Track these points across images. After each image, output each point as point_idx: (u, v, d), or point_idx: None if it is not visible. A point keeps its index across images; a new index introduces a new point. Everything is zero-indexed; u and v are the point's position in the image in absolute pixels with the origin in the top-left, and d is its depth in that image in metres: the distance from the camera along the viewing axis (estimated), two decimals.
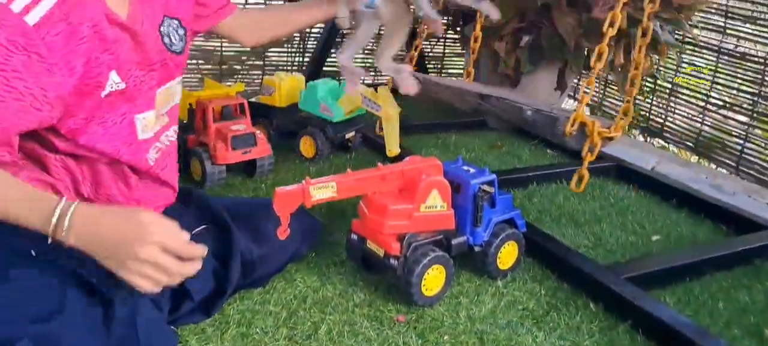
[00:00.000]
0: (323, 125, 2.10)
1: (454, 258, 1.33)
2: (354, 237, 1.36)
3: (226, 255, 1.23)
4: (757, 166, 2.53)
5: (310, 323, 1.22)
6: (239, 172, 1.95)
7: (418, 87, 1.42)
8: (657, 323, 1.23)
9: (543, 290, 1.39)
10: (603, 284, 1.35)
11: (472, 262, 1.42)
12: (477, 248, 1.39)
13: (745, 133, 2.59)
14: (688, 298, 1.41)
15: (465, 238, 1.37)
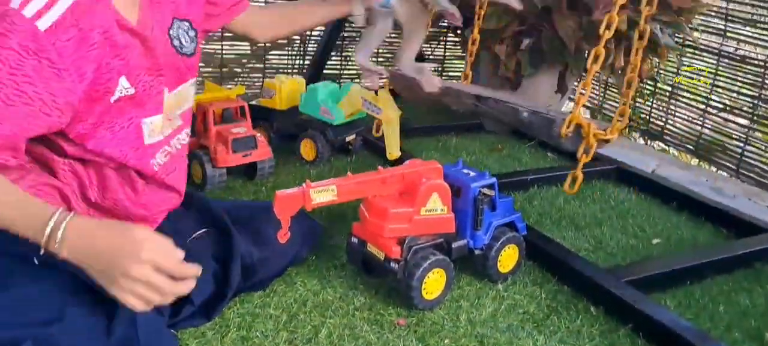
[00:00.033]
0: (324, 128, 2.10)
1: (454, 261, 1.33)
2: (354, 240, 1.36)
3: (227, 259, 1.23)
4: (757, 169, 2.52)
5: (310, 326, 1.22)
6: (240, 175, 1.95)
7: (441, 85, 1.43)
8: (657, 326, 1.23)
9: (543, 294, 1.39)
10: (603, 288, 1.35)
11: (472, 265, 1.42)
12: (477, 252, 1.39)
13: (745, 136, 2.59)
14: (689, 301, 1.41)
15: (465, 241, 1.37)
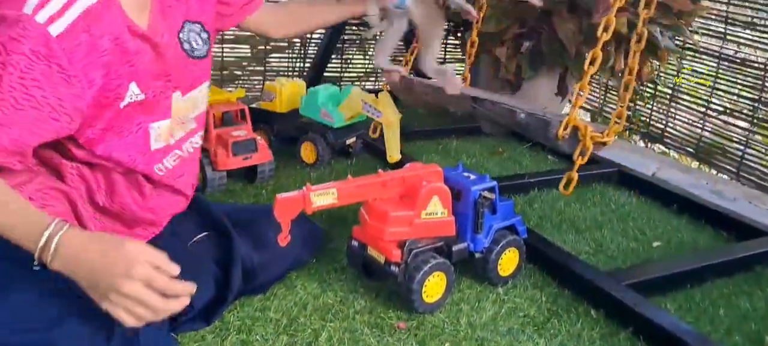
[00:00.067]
0: (324, 131, 2.10)
1: (454, 265, 1.33)
2: (355, 244, 1.36)
3: (228, 262, 1.23)
4: (757, 172, 2.52)
5: (310, 330, 1.22)
6: (240, 178, 1.95)
7: (463, 86, 1.44)
8: (658, 330, 1.23)
9: (544, 297, 1.39)
10: (604, 291, 1.35)
11: (472, 268, 1.42)
12: (478, 255, 1.38)
13: (745, 139, 2.59)
14: (689, 305, 1.41)
15: (466, 244, 1.37)
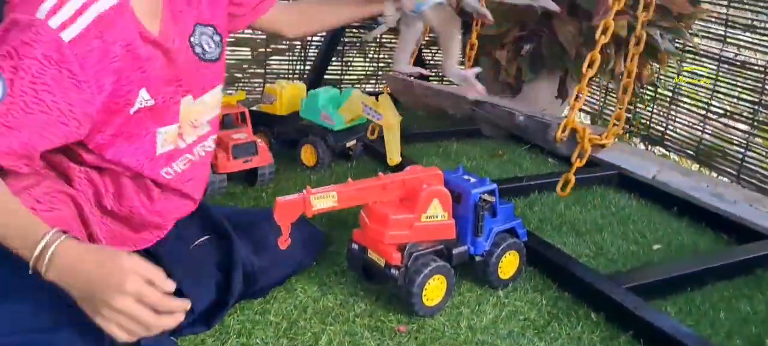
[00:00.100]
0: (324, 134, 2.10)
1: (455, 268, 1.33)
2: (355, 247, 1.36)
3: (229, 266, 1.23)
4: (758, 175, 2.52)
5: (310, 333, 1.21)
6: (240, 180, 1.95)
7: (484, 92, 1.45)
8: (658, 333, 1.23)
9: (544, 300, 1.39)
10: (604, 294, 1.35)
11: (473, 271, 1.42)
12: (478, 258, 1.38)
13: (745, 141, 2.59)
14: (690, 308, 1.41)
15: (466, 247, 1.37)
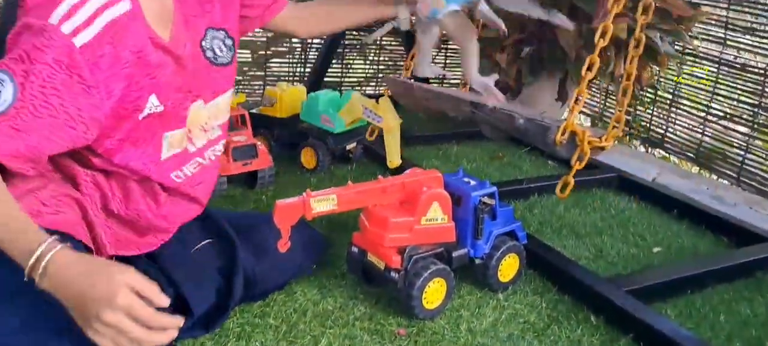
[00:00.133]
0: (324, 136, 2.10)
1: (454, 271, 1.33)
2: (355, 250, 1.35)
3: (230, 270, 1.23)
4: (758, 178, 2.52)
5: (310, 336, 1.21)
6: (240, 183, 1.95)
7: (504, 98, 1.46)
8: (658, 336, 1.23)
9: (544, 303, 1.39)
10: (604, 297, 1.34)
11: (473, 274, 1.42)
12: (478, 261, 1.38)
13: (745, 144, 2.59)
14: (690, 311, 1.41)
15: (466, 250, 1.37)
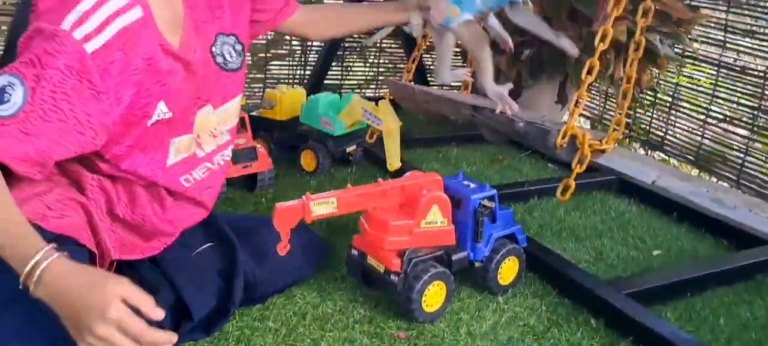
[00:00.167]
0: (324, 139, 2.10)
1: (454, 274, 1.33)
2: (354, 253, 1.35)
3: (230, 273, 1.23)
4: (757, 180, 2.53)
5: (309, 340, 1.21)
6: (239, 186, 1.95)
7: (518, 108, 1.47)
8: (658, 339, 1.23)
9: (544, 306, 1.39)
10: (604, 300, 1.34)
11: (472, 277, 1.42)
12: (477, 264, 1.38)
13: (745, 146, 2.59)
14: (690, 314, 1.41)
15: (465, 253, 1.37)
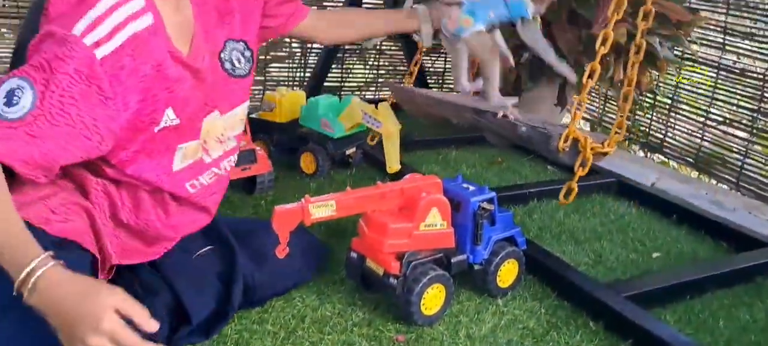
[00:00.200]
0: (324, 141, 2.10)
1: (453, 277, 1.33)
2: (353, 255, 1.35)
3: (230, 276, 1.23)
4: (757, 183, 2.52)
5: (308, 343, 1.21)
6: (239, 189, 1.95)
7: (520, 118, 1.48)
8: (657, 342, 1.23)
9: (543, 309, 1.39)
10: (603, 303, 1.34)
11: (471, 280, 1.42)
12: (477, 267, 1.38)
13: (745, 149, 2.59)
14: (689, 316, 1.41)
15: (465, 256, 1.37)
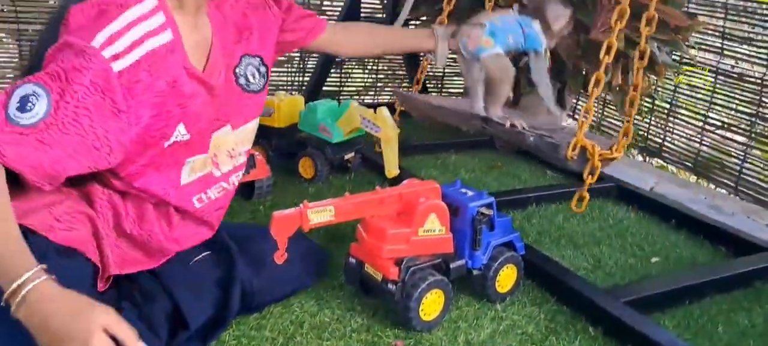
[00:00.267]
0: (322, 146, 2.10)
1: (452, 282, 1.33)
2: (352, 261, 1.35)
3: (228, 283, 1.23)
4: (756, 187, 2.53)
5: None
6: (237, 194, 1.93)
7: (524, 124, 1.53)
8: None
9: (542, 314, 1.39)
10: (602, 308, 1.34)
11: (470, 285, 1.42)
12: (476, 272, 1.38)
13: (743, 153, 2.59)
14: (688, 321, 1.40)
15: (463, 261, 1.37)
